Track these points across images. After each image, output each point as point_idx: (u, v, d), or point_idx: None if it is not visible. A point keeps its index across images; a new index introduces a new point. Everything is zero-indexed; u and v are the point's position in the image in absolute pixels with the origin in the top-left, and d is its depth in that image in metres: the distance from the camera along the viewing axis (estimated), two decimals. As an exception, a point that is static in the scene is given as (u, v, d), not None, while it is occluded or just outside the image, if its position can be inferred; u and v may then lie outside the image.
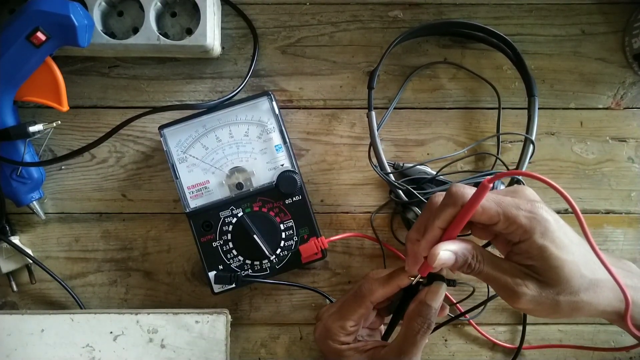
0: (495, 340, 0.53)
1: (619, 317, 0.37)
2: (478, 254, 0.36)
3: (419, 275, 0.40)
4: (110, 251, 0.54)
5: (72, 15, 0.46)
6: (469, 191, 0.34)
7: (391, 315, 0.45)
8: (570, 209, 0.54)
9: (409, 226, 0.51)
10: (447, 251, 0.35)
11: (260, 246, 0.49)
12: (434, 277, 0.40)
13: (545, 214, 0.34)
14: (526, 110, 0.51)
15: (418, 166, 0.52)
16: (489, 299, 0.50)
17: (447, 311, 0.43)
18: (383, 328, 0.47)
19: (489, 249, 0.39)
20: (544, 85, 0.54)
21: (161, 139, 0.50)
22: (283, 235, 0.50)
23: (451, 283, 0.42)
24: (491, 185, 0.32)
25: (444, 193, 0.36)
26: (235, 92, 0.52)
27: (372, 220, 0.54)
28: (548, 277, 0.34)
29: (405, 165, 0.52)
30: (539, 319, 0.53)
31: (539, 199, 0.36)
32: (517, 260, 0.36)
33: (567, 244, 0.34)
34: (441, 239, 0.36)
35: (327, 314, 0.44)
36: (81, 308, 0.53)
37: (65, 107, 0.50)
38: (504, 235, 0.36)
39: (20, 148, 0.51)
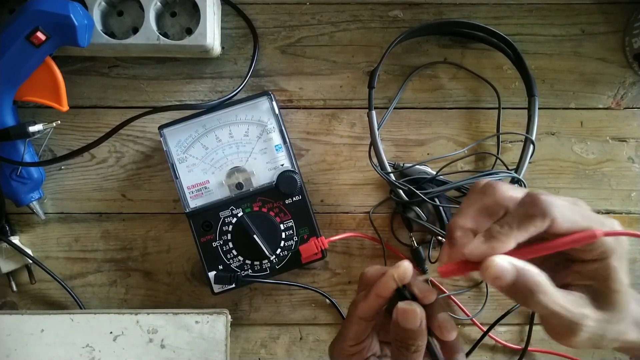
0: (498, 340, 0.53)
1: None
2: (547, 285, 0.29)
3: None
4: (110, 251, 0.54)
5: (72, 15, 0.46)
6: (574, 222, 0.29)
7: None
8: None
9: (409, 226, 0.51)
10: (510, 264, 0.29)
11: (260, 246, 0.49)
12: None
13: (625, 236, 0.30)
14: (526, 110, 0.51)
15: (418, 166, 0.52)
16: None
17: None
18: None
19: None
20: (544, 85, 0.54)
21: (161, 139, 0.50)
22: (283, 235, 0.50)
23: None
24: (599, 236, 0.28)
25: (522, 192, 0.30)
26: (235, 92, 0.52)
27: (371, 217, 0.54)
28: (604, 301, 0.30)
29: (405, 165, 0.52)
30: (538, 319, 0.52)
31: None
32: (570, 281, 0.32)
33: (626, 271, 0.31)
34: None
35: None
36: (81, 308, 0.53)
37: (65, 107, 0.50)
38: (566, 253, 0.31)
39: (20, 148, 0.51)
